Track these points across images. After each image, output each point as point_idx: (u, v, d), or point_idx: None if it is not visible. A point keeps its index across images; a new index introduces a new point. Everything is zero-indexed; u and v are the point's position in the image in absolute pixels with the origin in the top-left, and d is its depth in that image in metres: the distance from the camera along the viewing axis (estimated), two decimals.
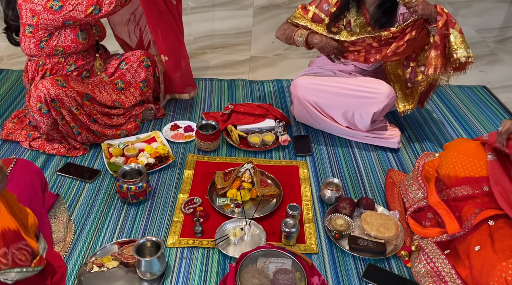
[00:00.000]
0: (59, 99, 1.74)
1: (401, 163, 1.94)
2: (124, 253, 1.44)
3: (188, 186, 1.76)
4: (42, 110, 1.75)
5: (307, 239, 1.55)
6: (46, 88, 1.71)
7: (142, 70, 2.06)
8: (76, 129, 1.84)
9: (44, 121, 1.79)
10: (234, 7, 3.72)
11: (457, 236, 1.33)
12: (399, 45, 1.80)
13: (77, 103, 1.80)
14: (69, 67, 1.87)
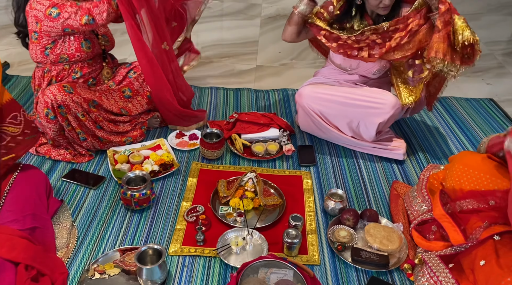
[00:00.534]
0: (66, 106, 1.76)
1: (406, 175, 1.92)
2: (126, 261, 1.45)
3: (191, 194, 1.76)
4: (49, 116, 1.77)
5: (310, 250, 1.54)
6: (53, 94, 1.74)
7: None
8: (81, 135, 1.86)
9: (50, 127, 1.81)
10: (242, 17, 3.75)
11: (462, 250, 1.31)
12: (402, 36, 1.74)
13: (83, 109, 1.82)
14: (75, 75, 1.90)
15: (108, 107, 1.94)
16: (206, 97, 2.46)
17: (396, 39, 1.76)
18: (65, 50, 1.84)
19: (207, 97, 2.46)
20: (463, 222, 1.36)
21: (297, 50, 3.15)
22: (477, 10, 4.07)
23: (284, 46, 3.21)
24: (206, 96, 2.47)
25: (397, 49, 1.79)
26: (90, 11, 1.76)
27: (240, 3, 4.07)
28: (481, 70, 2.95)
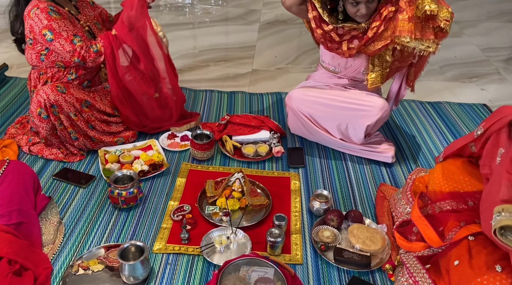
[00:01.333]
0: (58, 105, 1.79)
1: (394, 178, 1.93)
2: (110, 257, 1.46)
3: (179, 194, 1.78)
4: (42, 115, 1.81)
5: (293, 249, 1.54)
6: (46, 93, 1.77)
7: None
8: (73, 134, 1.89)
9: (43, 126, 1.84)
10: (241, 22, 3.80)
11: (439, 251, 1.32)
12: (378, 25, 1.71)
13: (76, 109, 1.85)
14: (70, 76, 1.93)
15: (101, 108, 1.97)
16: (200, 100, 2.49)
17: (373, 29, 1.74)
18: (60, 57, 1.87)
19: (201, 100, 2.49)
20: (442, 223, 1.36)
21: (293, 55, 3.18)
22: (477, 17, 4.08)
23: (280, 51, 3.24)
24: (200, 99, 2.50)
25: (376, 39, 1.76)
26: (85, 59, 1.84)
27: (241, 8, 4.12)
28: (476, 76, 2.96)
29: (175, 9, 4.06)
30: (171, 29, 3.57)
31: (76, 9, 1.96)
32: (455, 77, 2.95)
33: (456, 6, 4.37)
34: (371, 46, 1.80)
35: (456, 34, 3.67)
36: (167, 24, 3.68)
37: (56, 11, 1.80)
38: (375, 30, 1.74)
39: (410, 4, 1.64)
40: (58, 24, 1.78)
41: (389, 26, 1.73)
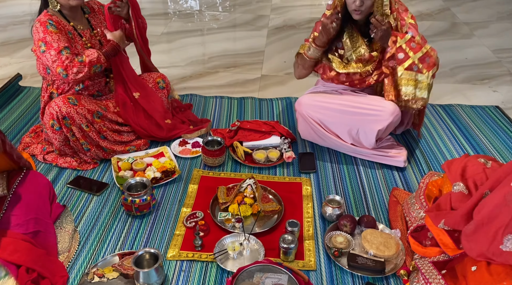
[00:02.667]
0: (70, 117, 1.82)
1: (406, 182, 1.92)
2: (124, 264, 1.48)
3: (191, 200, 1.79)
4: (54, 127, 1.84)
5: (306, 255, 1.54)
6: (58, 106, 1.80)
7: (157, 91, 2.14)
8: (85, 146, 1.91)
9: (56, 138, 1.87)
10: (250, 28, 3.82)
11: (456, 256, 1.30)
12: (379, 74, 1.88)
13: (87, 120, 1.88)
14: (77, 87, 1.93)
15: (113, 118, 2.00)
16: (210, 106, 2.51)
17: (374, 77, 1.89)
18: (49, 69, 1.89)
19: (211, 106, 2.51)
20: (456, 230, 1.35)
21: None
22: (487, 18, 4.05)
23: (289, 56, 3.25)
24: (211, 105, 2.52)
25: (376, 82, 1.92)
26: (67, 69, 1.79)
27: (249, 14, 4.14)
28: (488, 77, 2.93)
29: (184, 17, 4.10)
30: (180, 36, 3.60)
31: (88, 22, 1.98)
32: (466, 79, 2.92)
33: (466, 7, 4.34)
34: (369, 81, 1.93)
35: (467, 36, 3.65)
36: (176, 32, 3.71)
37: (54, 25, 1.80)
38: (376, 78, 1.89)
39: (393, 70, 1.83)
40: (52, 37, 1.78)
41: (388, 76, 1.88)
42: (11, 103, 2.48)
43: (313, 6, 4.45)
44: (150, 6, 4.35)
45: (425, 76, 1.80)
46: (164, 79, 2.18)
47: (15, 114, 2.38)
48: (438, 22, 3.94)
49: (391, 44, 1.79)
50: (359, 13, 1.79)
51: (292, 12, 4.20)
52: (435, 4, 4.42)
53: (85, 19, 1.98)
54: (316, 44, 1.91)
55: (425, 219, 1.40)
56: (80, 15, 1.94)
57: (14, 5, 4.21)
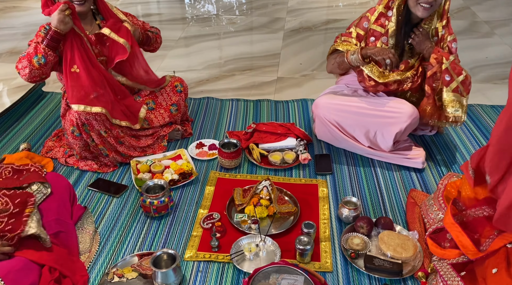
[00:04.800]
0: (89, 124, 1.87)
1: (425, 184, 1.89)
2: (143, 265, 1.51)
3: (208, 202, 1.81)
4: (75, 133, 1.89)
5: (322, 257, 1.54)
6: (77, 113, 1.84)
7: (175, 95, 2.18)
8: (104, 151, 1.97)
9: (77, 143, 1.92)
10: (266, 31, 3.84)
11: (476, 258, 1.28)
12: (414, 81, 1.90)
13: (105, 127, 1.92)
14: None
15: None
16: (226, 109, 2.53)
17: (409, 84, 1.91)
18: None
19: (228, 109, 2.53)
20: (477, 230, 1.32)
21: (318, 62, 3.18)
22: (508, 16, 3.96)
23: (305, 58, 3.25)
24: (227, 108, 2.54)
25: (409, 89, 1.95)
26: (17, 65, 1.75)
27: (265, 17, 4.16)
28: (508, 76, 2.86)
29: (201, 21, 4.15)
30: (197, 40, 3.65)
31: (99, 28, 1.97)
32: (486, 78, 2.86)
33: (487, 5, 4.25)
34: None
35: (487, 34, 3.57)
36: (194, 36, 3.76)
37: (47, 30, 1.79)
38: (410, 85, 1.91)
39: (433, 90, 1.84)
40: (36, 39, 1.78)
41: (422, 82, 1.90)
42: (35, 108, 2.56)
43: (329, 7, 4.44)
44: (168, 11, 4.42)
45: (465, 99, 1.83)
46: (182, 83, 2.22)
47: (38, 119, 2.46)
48: (458, 21, 3.87)
49: (433, 61, 1.79)
50: (429, 8, 1.75)
51: (308, 14, 4.20)
52: (454, 3, 4.35)
53: (96, 25, 1.98)
54: (362, 56, 1.86)
55: (444, 220, 1.38)
56: (90, 20, 1.95)
57: (37, 13, 4.34)
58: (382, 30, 1.88)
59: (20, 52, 3.40)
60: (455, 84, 1.80)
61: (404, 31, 1.87)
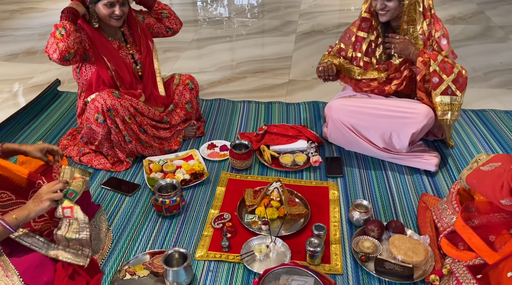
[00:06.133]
0: (115, 109, 1.91)
1: (436, 188, 1.88)
2: (155, 263, 1.52)
3: (219, 202, 1.83)
4: (99, 120, 1.92)
5: (333, 259, 1.54)
6: (103, 99, 1.89)
7: (187, 92, 2.23)
8: (127, 137, 1.99)
9: (99, 131, 1.95)
10: (278, 34, 3.85)
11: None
12: (399, 84, 1.91)
13: (130, 113, 1.96)
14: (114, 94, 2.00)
15: (149, 115, 2.08)
16: (238, 110, 2.55)
17: (393, 86, 1.93)
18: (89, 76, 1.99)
19: (239, 110, 2.55)
20: (492, 232, 1.31)
21: None
22: None
23: (317, 61, 3.24)
24: (238, 109, 2.56)
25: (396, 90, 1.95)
26: (46, 49, 1.83)
27: (277, 20, 4.18)
28: None
29: (213, 23, 4.19)
30: (209, 42, 3.68)
31: (123, 35, 2.06)
32: (500, 84, 2.84)
33: (502, 10, 4.22)
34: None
35: (502, 39, 3.54)
36: (206, 38, 3.79)
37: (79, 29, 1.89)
38: (395, 87, 1.91)
39: (426, 65, 1.80)
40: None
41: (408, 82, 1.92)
42: (50, 107, 2.61)
43: (341, 11, 4.44)
44: (180, 13, 4.43)
45: (458, 97, 1.82)
46: (192, 80, 2.26)
47: (54, 118, 2.50)
48: (472, 26, 3.85)
49: (420, 65, 1.80)
50: (384, 14, 1.81)
51: (321, 17, 4.20)
52: (468, 8, 4.32)
53: (120, 32, 2.07)
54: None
55: (454, 223, 1.37)
56: (114, 28, 2.02)
57: (54, 14, 4.42)
58: (365, 35, 1.95)
59: (37, 52, 3.49)
60: (445, 85, 1.79)
61: (385, 35, 1.91)
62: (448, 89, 1.79)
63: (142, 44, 2.10)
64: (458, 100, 1.82)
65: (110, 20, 1.92)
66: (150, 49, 2.15)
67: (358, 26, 1.95)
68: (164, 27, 2.20)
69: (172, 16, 2.21)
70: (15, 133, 2.34)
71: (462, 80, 1.81)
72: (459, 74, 1.80)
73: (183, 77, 2.26)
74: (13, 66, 3.27)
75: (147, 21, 2.16)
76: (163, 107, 2.17)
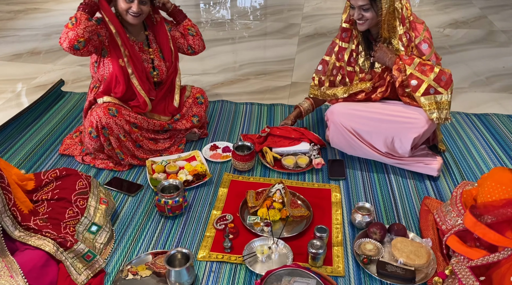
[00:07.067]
0: (109, 128, 1.91)
1: (439, 191, 1.88)
2: (157, 263, 1.53)
3: (221, 203, 1.83)
4: (92, 134, 1.93)
5: (335, 261, 1.54)
6: (98, 116, 1.89)
7: (196, 106, 2.23)
8: (120, 155, 2.00)
9: (91, 144, 1.97)
10: (280, 36, 3.86)
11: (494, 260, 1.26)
12: (384, 91, 1.95)
13: (125, 131, 1.97)
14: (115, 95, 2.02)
15: (150, 127, 2.08)
16: (240, 112, 2.55)
17: (380, 93, 1.96)
18: (106, 71, 1.99)
19: (242, 112, 2.55)
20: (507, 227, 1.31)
21: None
22: None
23: None
24: (241, 111, 2.56)
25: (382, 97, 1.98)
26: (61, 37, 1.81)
27: (280, 23, 4.19)
28: None
29: (216, 25, 4.20)
30: (212, 44, 3.69)
31: (146, 39, 2.08)
32: (503, 88, 2.84)
33: (504, 15, 4.22)
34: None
35: (504, 44, 3.55)
36: (209, 40, 3.79)
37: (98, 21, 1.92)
38: (381, 95, 1.95)
39: (401, 71, 1.83)
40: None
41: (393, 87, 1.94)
42: (54, 107, 2.62)
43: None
44: None
45: (444, 95, 1.81)
46: (203, 94, 2.27)
47: (57, 118, 2.51)
48: (474, 30, 3.85)
49: (395, 72, 1.83)
50: (362, 23, 1.84)
51: (324, 20, 4.22)
52: (471, 12, 4.33)
53: (144, 35, 2.07)
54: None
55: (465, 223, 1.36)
56: (138, 29, 2.04)
57: (58, 15, 4.44)
58: (346, 45, 1.99)
59: (41, 53, 3.50)
60: (425, 85, 1.79)
61: (367, 43, 1.95)
62: (430, 88, 1.79)
63: (166, 50, 2.11)
64: (445, 98, 1.80)
65: (126, 15, 1.91)
66: (175, 58, 2.15)
67: (339, 37, 2.00)
68: (187, 45, 2.19)
69: (198, 36, 2.20)
70: (18, 133, 2.35)
71: (446, 78, 1.80)
72: (441, 72, 1.80)
73: (194, 91, 2.27)
74: (16, 66, 3.29)
75: (172, 33, 2.16)
76: (170, 116, 2.17)
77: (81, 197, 1.63)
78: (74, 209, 1.58)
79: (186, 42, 2.19)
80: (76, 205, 1.60)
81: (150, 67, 2.08)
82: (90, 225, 1.60)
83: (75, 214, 1.58)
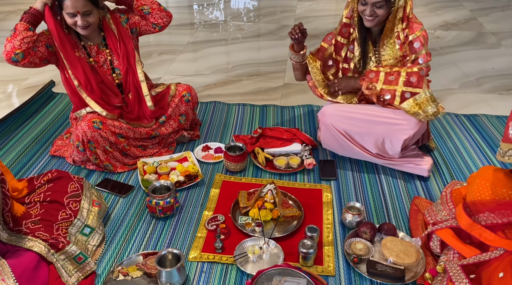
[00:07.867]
0: (95, 141, 1.91)
1: (428, 191, 1.90)
2: (148, 264, 1.52)
3: (213, 204, 1.83)
4: (79, 148, 1.94)
5: (325, 261, 1.55)
6: (83, 130, 1.89)
7: (182, 105, 2.16)
8: (109, 167, 2.01)
9: (79, 156, 1.98)
10: (273, 38, 3.88)
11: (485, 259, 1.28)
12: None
13: (110, 142, 1.97)
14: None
15: (136, 136, 2.07)
16: (233, 113, 2.56)
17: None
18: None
19: (234, 113, 2.56)
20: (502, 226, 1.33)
21: None
22: None
23: None
24: (233, 112, 2.57)
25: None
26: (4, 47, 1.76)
27: (273, 24, 4.21)
28: None
29: (209, 27, 4.20)
30: (205, 45, 3.70)
31: (104, 40, 1.99)
32: (492, 89, 2.88)
33: (494, 17, 4.28)
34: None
35: (494, 45, 3.59)
36: (202, 41, 3.81)
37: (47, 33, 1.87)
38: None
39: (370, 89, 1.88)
40: None
41: None
42: (45, 109, 2.60)
43: (337, 16, 4.47)
44: (176, 16, 4.43)
45: (421, 93, 1.80)
46: (189, 92, 2.17)
47: (48, 119, 2.50)
48: (464, 32, 3.90)
49: (366, 91, 1.88)
50: (372, 19, 1.81)
51: (316, 22, 4.24)
52: (462, 14, 4.37)
53: (101, 36, 2.00)
54: (294, 49, 2.05)
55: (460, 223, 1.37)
56: (93, 33, 1.95)
57: None
58: (345, 41, 1.98)
59: None
60: (399, 94, 1.81)
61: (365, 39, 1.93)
62: (405, 94, 1.80)
63: (120, 50, 1.99)
64: (423, 96, 1.79)
65: (76, 29, 1.86)
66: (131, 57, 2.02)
67: (339, 31, 1.97)
68: (150, 24, 2.03)
69: (154, 10, 2.00)
70: (8, 134, 2.34)
71: (416, 78, 1.80)
72: (409, 74, 1.80)
73: (180, 88, 2.16)
74: (7, 67, 3.24)
75: (132, 21, 2.03)
76: (152, 121, 2.09)
77: (74, 200, 1.63)
78: (67, 211, 1.58)
79: (149, 22, 2.03)
80: (69, 207, 1.59)
81: (109, 69, 2.01)
82: (83, 227, 1.59)
83: (68, 216, 1.57)
